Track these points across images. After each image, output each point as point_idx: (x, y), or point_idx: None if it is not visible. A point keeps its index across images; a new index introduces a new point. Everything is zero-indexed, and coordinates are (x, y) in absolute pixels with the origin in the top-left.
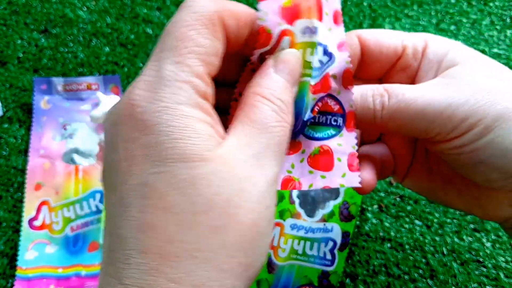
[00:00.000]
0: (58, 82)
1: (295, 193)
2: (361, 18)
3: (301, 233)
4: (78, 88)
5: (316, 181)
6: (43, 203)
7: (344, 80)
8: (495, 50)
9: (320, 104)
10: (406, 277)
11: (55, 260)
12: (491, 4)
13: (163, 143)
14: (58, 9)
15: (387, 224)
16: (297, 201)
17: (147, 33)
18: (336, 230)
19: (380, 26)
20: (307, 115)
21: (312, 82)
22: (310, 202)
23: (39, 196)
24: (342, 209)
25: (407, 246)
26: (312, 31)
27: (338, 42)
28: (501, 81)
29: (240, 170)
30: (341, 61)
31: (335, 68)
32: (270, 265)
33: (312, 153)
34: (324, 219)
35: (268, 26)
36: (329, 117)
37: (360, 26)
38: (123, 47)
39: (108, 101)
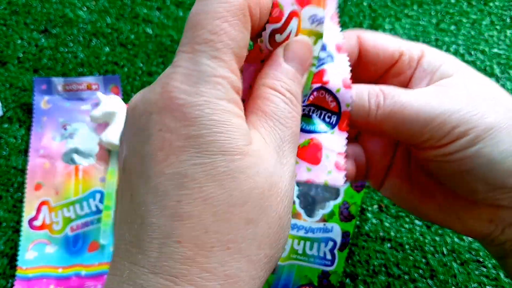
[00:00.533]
0: (58, 82)
1: (295, 193)
2: (361, 18)
3: (301, 233)
4: (78, 88)
5: (300, 173)
6: (43, 203)
7: (345, 80)
8: (495, 50)
9: (315, 94)
10: (406, 277)
11: (55, 260)
12: (491, 4)
13: (204, 135)
14: (58, 9)
15: (387, 224)
16: (297, 201)
17: (147, 33)
18: (336, 230)
19: (380, 26)
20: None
21: (314, 71)
22: (310, 202)
23: (39, 196)
24: (342, 209)
25: (407, 246)
26: (320, 21)
27: (336, 44)
28: (492, 95)
29: (270, 164)
30: (341, 62)
31: (335, 67)
32: None
33: (301, 145)
34: (324, 219)
35: (281, 2)
36: (324, 112)
37: (360, 26)
38: (123, 47)
39: (108, 101)
